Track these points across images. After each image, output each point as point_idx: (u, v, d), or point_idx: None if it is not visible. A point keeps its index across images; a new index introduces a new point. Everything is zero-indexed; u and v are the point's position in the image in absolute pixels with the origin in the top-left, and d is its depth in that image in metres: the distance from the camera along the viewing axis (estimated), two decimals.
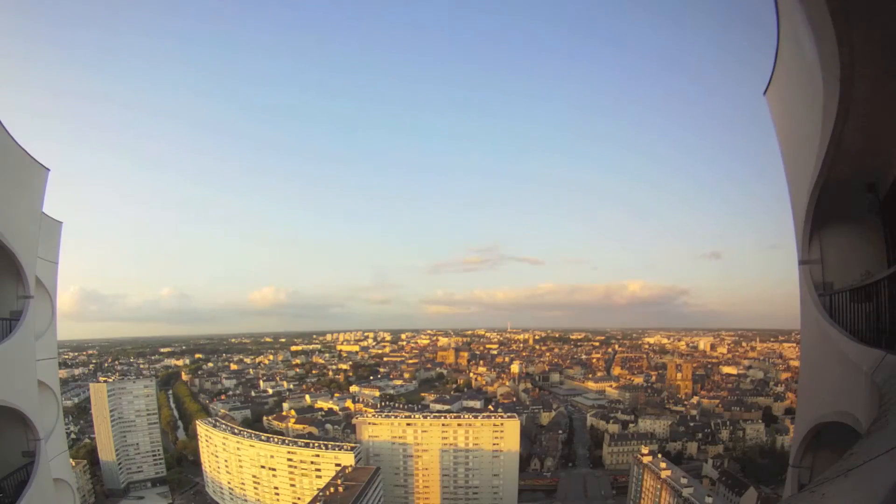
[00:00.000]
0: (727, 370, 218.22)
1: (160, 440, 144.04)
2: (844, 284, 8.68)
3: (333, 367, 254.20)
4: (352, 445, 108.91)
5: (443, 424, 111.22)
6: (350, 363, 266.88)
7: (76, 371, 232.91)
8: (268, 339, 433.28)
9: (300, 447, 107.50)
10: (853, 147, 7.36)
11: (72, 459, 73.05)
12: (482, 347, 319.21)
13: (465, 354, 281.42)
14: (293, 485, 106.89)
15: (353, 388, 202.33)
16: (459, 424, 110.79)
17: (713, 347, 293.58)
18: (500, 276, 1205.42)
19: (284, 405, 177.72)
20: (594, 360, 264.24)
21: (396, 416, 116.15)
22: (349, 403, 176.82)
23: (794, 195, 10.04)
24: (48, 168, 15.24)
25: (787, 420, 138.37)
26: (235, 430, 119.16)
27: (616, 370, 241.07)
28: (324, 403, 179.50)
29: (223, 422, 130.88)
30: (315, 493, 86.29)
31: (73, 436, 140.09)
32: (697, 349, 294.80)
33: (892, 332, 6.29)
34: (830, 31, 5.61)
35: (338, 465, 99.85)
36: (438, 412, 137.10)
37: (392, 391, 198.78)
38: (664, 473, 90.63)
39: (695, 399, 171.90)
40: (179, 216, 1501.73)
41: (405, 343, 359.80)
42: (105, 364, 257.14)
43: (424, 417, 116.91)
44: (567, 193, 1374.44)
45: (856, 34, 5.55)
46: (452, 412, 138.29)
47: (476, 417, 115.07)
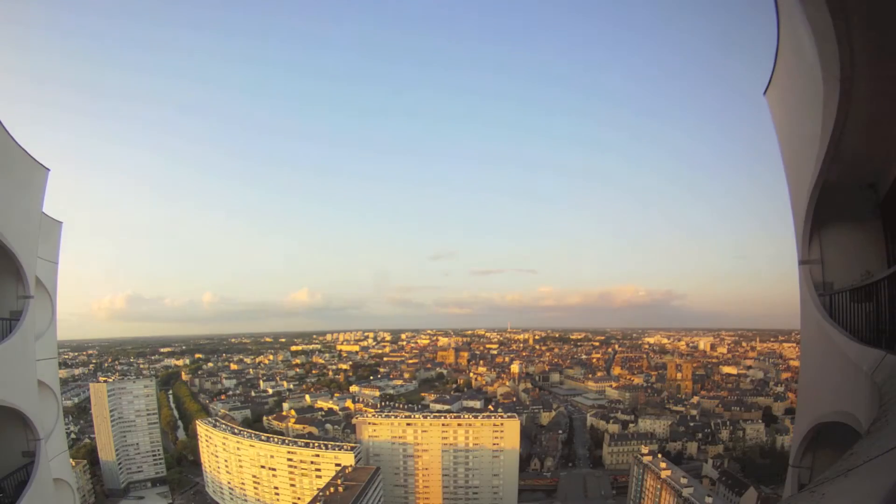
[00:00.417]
0: (727, 370, 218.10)
1: (160, 440, 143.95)
2: (844, 284, 8.67)
3: (333, 367, 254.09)
4: (352, 445, 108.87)
5: (443, 424, 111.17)
6: (350, 363, 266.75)
7: (76, 371, 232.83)
8: (268, 339, 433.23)
9: (300, 447, 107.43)
10: (853, 147, 7.36)
11: (72, 459, 73.03)
12: (482, 347, 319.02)
13: (465, 354, 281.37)
14: (293, 485, 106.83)
15: (353, 388, 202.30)
16: (459, 424, 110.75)
17: (713, 347, 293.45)
18: (504, 283, 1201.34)
19: (284, 405, 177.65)
20: (594, 360, 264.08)
21: (396, 416, 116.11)
22: (349, 403, 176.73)
23: (794, 195, 10.04)
24: (48, 168, 15.25)
25: (787, 420, 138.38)
26: (235, 430, 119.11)
27: (616, 370, 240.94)
28: (324, 403, 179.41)
29: (223, 422, 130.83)
30: (315, 493, 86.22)
31: (73, 436, 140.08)
32: (697, 349, 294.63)
33: (892, 332, 6.28)
34: (830, 31, 5.61)
35: (338, 465, 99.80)
36: (438, 412, 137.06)
37: (392, 391, 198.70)
38: (664, 473, 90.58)
39: (695, 399, 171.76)
40: (179, 216, 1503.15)
41: (405, 343, 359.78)
42: (105, 364, 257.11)
43: (424, 417, 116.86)
44: (567, 192, 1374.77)
45: (856, 34, 5.54)
46: (452, 412, 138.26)
47: (476, 417, 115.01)
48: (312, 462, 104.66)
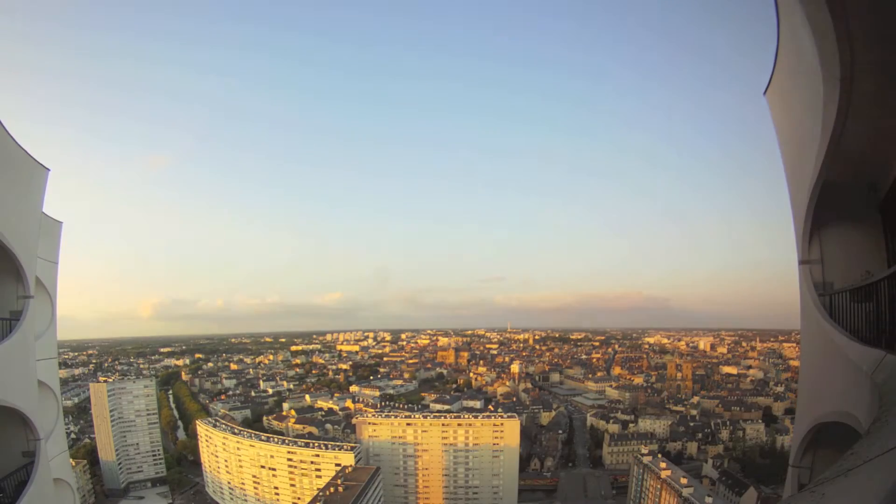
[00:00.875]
0: (727, 370, 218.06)
1: (160, 440, 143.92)
2: (844, 284, 8.67)
3: (333, 367, 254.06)
4: (352, 445, 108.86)
5: (443, 424, 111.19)
6: (350, 363, 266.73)
7: (76, 371, 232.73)
8: (268, 339, 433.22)
9: (300, 447, 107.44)
10: (853, 147, 7.36)
11: (72, 459, 73.07)
12: (482, 347, 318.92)
13: (465, 354, 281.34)
14: (293, 485, 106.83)
15: (353, 388, 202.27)
16: (459, 424, 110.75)
17: (713, 347, 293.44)
18: (505, 288, 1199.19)
19: (284, 405, 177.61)
20: (594, 360, 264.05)
21: (396, 416, 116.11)
22: (349, 403, 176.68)
23: (794, 195, 10.04)
24: (48, 168, 15.24)
25: (787, 420, 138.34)
26: (235, 430, 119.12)
27: (616, 370, 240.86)
28: (324, 403, 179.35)
29: (223, 422, 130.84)
30: (315, 493, 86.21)
31: (73, 436, 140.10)
32: (697, 349, 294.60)
33: (892, 332, 6.27)
34: (830, 31, 5.61)
35: (338, 465, 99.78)
36: (438, 412, 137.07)
37: (392, 391, 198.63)
38: (664, 473, 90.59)
39: (695, 399, 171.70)
40: (180, 217, 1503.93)
41: (405, 343, 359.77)
42: (105, 364, 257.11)
43: (424, 417, 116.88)
44: (566, 195, 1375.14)
45: (856, 34, 5.54)
46: (452, 412, 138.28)
47: (476, 417, 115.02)
48: (312, 462, 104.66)
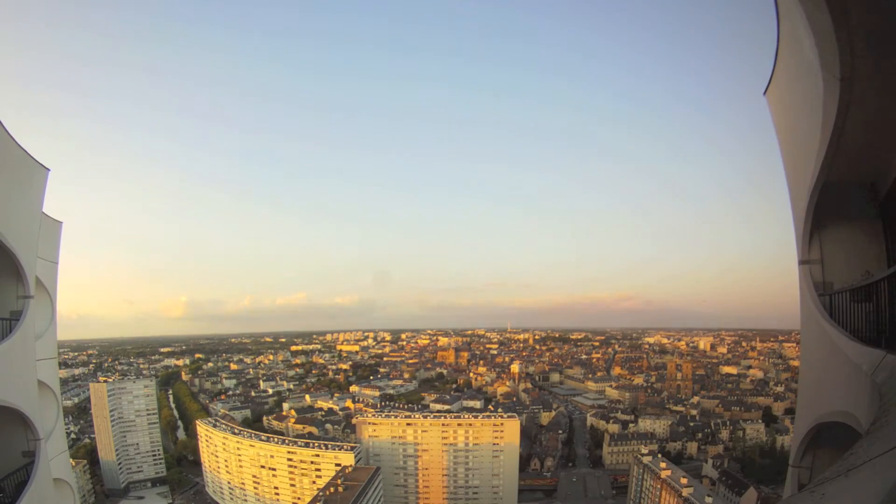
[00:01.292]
0: (727, 370, 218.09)
1: (160, 440, 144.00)
2: (844, 284, 8.67)
3: (333, 367, 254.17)
4: (352, 445, 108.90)
5: (443, 424, 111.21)
6: (350, 363, 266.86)
7: (76, 371, 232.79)
8: (267, 339, 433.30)
9: (300, 447, 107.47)
10: (853, 147, 7.37)
11: (72, 459, 73.07)
12: (482, 347, 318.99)
13: (465, 354, 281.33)
14: (293, 485, 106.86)
15: (353, 388, 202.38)
16: (459, 424, 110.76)
17: (713, 347, 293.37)
18: (506, 290, 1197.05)
19: (284, 405, 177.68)
20: (594, 360, 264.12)
21: (396, 416, 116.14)
22: (349, 403, 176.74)
23: (794, 195, 10.04)
24: (48, 168, 15.24)
25: (787, 420, 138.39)
26: (235, 430, 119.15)
27: (616, 370, 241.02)
28: (324, 403, 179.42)
29: (223, 422, 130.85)
30: (315, 493, 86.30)
31: (73, 436, 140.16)
32: (697, 349, 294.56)
33: (892, 332, 6.28)
34: (830, 31, 5.62)
35: (338, 465, 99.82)
36: (438, 412, 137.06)
37: (392, 391, 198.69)
38: (664, 473, 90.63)
39: (695, 399, 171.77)
40: (180, 217, 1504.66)
41: (405, 343, 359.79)
42: (105, 364, 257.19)
43: (424, 417, 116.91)
44: (566, 195, 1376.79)
45: (856, 34, 5.55)
46: (452, 412, 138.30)
47: (476, 417, 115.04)
48: (312, 462, 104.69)
